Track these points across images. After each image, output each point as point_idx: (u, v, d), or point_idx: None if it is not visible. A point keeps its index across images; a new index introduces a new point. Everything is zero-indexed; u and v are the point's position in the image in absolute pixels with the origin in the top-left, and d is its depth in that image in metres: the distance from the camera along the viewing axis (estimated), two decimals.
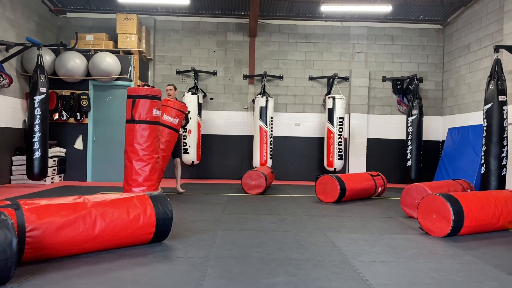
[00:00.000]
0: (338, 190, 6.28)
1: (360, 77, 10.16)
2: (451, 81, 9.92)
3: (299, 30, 10.33)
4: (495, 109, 6.22)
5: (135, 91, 5.51)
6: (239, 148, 10.20)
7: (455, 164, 8.60)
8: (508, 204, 4.52)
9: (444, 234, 4.15)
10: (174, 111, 6.72)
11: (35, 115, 7.48)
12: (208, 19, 10.22)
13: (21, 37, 8.23)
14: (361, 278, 2.90)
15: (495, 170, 6.17)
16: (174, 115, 6.72)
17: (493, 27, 8.22)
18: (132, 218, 3.45)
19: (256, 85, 10.21)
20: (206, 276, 2.87)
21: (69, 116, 8.69)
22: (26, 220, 2.91)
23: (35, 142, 7.47)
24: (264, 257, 3.37)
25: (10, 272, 2.50)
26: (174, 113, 6.72)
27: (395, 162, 10.15)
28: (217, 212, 5.41)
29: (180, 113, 6.81)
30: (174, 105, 6.75)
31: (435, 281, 2.87)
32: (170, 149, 6.81)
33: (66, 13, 9.91)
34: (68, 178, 8.84)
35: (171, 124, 6.71)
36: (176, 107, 6.75)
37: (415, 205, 5.07)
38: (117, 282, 2.74)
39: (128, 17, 8.77)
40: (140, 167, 5.40)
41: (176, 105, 6.77)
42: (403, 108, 10.24)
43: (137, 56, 8.86)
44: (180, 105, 6.86)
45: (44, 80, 7.58)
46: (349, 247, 3.75)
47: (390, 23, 10.31)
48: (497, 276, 3.03)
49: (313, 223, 4.85)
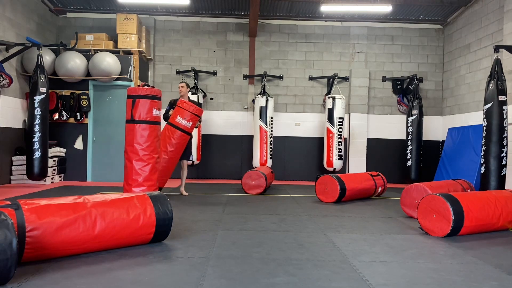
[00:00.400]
0: (338, 190, 6.28)
1: (360, 77, 10.16)
2: (451, 81, 9.92)
3: (299, 30, 10.33)
4: (495, 109, 6.22)
5: (135, 91, 5.51)
6: (239, 148, 10.20)
7: (455, 164, 8.60)
8: (508, 204, 4.52)
9: (444, 234, 4.15)
10: (189, 114, 6.52)
11: (35, 115, 7.48)
12: (208, 19, 10.22)
13: (21, 37, 8.23)
14: (361, 278, 2.90)
15: (495, 170, 6.17)
16: (188, 118, 6.52)
17: (493, 27, 8.22)
18: (132, 218, 3.44)
19: (256, 85, 10.21)
20: (206, 276, 2.87)
21: (69, 116, 8.69)
22: (26, 220, 2.91)
23: (35, 142, 7.46)
24: (264, 257, 3.37)
25: (10, 272, 2.50)
26: (188, 116, 6.51)
27: (395, 162, 10.15)
28: (217, 212, 5.41)
29: (195, 116, 6.59)
30: (190, 108, 6.54)
31: (435, 281, 2.87)
32: (180, 152, 6.65)
33: (66, 13, 9.91)
34: (68, 178, 8.84)
35: (184, 127, 6.52)
36: (191, 110, 6.54)
37: (415, 205, 5.07)
38: (117, 282, 2.74)
39: (128, 17, 8.77)
40: (140, 167, 5.40)
41: (192, 108, 6.55)
42: (403, 108, 10.24)
43: (137, 56, 8.86)
44: (196, 108, 6.62)
45: (44, 80, 7.58)
46: (349, 247, 3.75)
47: (390, 23, 10.31)
48: (497, 276, 3.03)
49: (313, 223, 4.85)
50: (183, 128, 6.55)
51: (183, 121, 6.52)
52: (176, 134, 6.52)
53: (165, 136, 6.57)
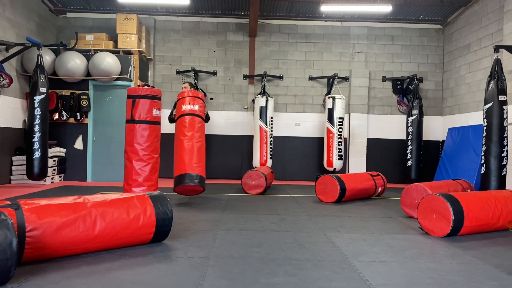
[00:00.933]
0: (338, 190, 6.28)
1: (360, 77, 10.16)
2: (451, 81, 9.92)
3: (299, 30, 10.33)
4: (495, 108, 6.21)
5: (135, 91, 5.51)
6: (239, 148, 10.20)
7: (455, 164, 8.60)
8: (508, 204, 4.52)
9: (444, 234, 4.15)
10: (188, 99, 6.20)
11: (35, 115, 7.48)
12: (208, 19, 10.22)
13: (21, 37, 8.23)
14: (361, 278, 2.90)
15: (495, 170, 6.16)
16: (189, 102, 6.22)
17: (493, 27, 8.22)
18: (132, 218, 3.44)
19: (256, 85, 10.21)
20: (206, 276, 2.87)
21: (69, 116, 8.69)
22: (26, 220, 2.91)
23: (35, 142, 7.46)
24: (264, 257, 3.37)
25: (10, 272, 2.50)
26: (188, 100, 6.21)
27: (395, 162, 10.15)
28: (217, 212, 5.41)
29: (195, 98, 6.22)
30: (188, 93, 6.26)
31: (435, 281, 2.87)
32: (194, 135, 6.21)
33: (66, 13, 9.91)
34: (68, 178, 8.84)
35: (191, 110, 6.13)
36: (190, 94, 6.27)
37: (415, 205, 5.07)
38: (117, 282, 2.74)
39: (128, 17, 8.77)
40: (140, 167, 5.40)
41: (190, 93, 6.29)
42: (403, 108, 10.24)
43: (137, 56, 8.87)
44: (194, 91, 6.36)
45: (44, 80, 7.58)
46: (349, 247, 3.75)
47: (390, 23, 10.32)
48: (497, 276, 3.03)
49: (313, 223, 4.85)
50: (190, 112, 6.16)
51: (188, 106, 6.16)
52: (185, 119, 6.16)
53: (179, 127, 6.20)
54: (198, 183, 5.87)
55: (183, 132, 6.11)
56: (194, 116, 6.22)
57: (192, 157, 5.99)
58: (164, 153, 7.07)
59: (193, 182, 5.85)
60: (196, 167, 5.97)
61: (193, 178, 5.86)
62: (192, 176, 5.89)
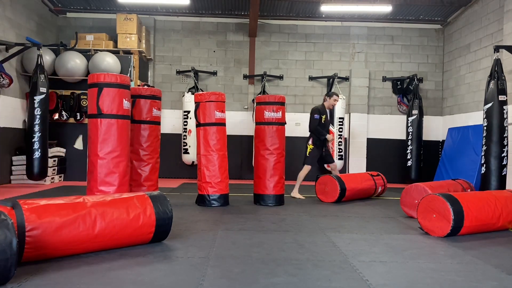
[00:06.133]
0: (338, 190, 6.28)
1: (360, 77, 10.15)
2: (451, 81, 9.92)
3: (299, 30, 10.33)
4: (495, 108, 6.21)
5: (135, 91, 5.51)
6: (239, 148, 10.19)
7: (455, 164, 8.60)
8: (508, 204, 4.52)
9: (444, 234, 4.15)
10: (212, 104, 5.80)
11: (35, 115, 7.47)
12: (208, 19, 10.21)
13: (21, 37, 8.22)
14: (361, 278, 2.90)
15: (495, 170, 6.16)
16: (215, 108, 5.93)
17: (493, 27, 8.22)
18: (132, 218, 3.44)
19: (256, 85, 10.21)
20: (206, 276, 2.87)
21: (69, 116, 8.68)
22: (26, 220, 2.91)
23: (35, 142, 7.46)
24: (264, 257, 3.37)
25: (10, 272, 2.49)
26: (214, 106, 5.88)
27: (395, 162, 10.15)
28: (217, 212, 5.41)
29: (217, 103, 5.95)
30: (209, 97, 5.83)
31: (435, 281, 2.87)
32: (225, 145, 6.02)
33: (66, 13, 9.91)
34: (68, 178, 8.83)
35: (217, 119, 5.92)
36: (212, 99, 5.87)
37: (415, 205, 5.07)
38: (117, 282, 2.74)
39: (128, 17, 8.77)
40: (140, 167, 5.41)
41: (211, 96, 5.88)
42: (403, 108, 10.24)
43: (137, 56, 8.86)
44: (212, 93, 5.95)
45: (44, 80, 7.58)
46: (349, 247, 3.75)
47: (390, 23, 10.31)
48: (497, 276, 3.03)
49: (313, 223, 4.84)
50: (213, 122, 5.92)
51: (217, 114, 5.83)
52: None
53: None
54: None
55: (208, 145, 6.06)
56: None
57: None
58: (164, 153, 7.08)
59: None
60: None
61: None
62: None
